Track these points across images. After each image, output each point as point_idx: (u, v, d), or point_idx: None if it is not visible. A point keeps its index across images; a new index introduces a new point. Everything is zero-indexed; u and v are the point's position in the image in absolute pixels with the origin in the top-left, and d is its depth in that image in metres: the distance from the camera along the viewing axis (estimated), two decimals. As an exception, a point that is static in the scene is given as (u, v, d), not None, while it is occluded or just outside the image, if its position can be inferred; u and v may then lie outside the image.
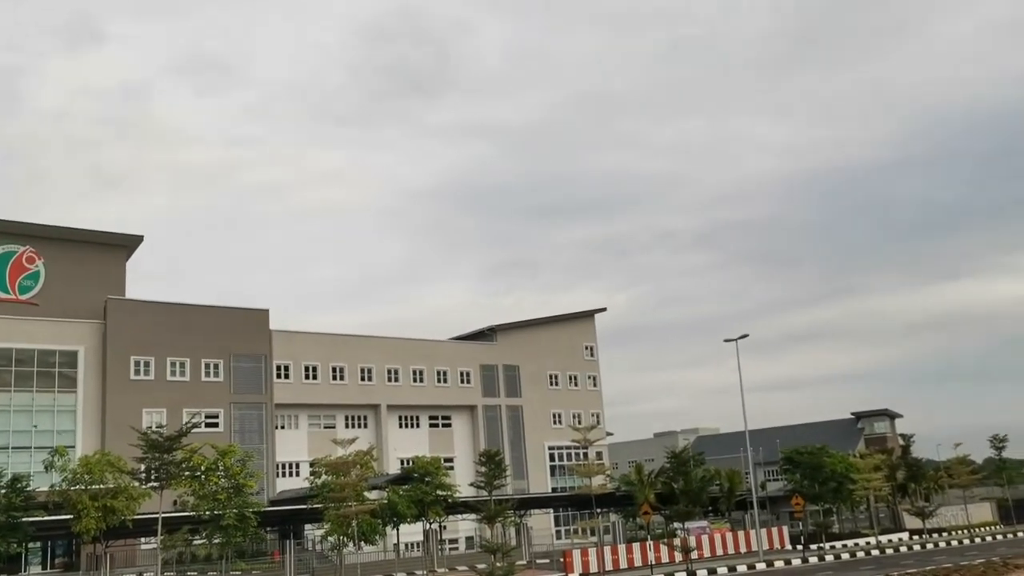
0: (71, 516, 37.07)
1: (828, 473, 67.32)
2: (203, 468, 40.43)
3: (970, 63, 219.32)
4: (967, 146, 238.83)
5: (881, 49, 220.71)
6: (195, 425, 41.63)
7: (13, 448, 54.61)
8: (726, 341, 58.51)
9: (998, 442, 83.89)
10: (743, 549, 56.22)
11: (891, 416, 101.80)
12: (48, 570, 52.70)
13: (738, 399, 63.73)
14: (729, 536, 58.17)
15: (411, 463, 55.04)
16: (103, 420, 57.62)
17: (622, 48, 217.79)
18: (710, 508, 65.74)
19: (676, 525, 58.91)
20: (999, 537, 66.17)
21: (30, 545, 49.02)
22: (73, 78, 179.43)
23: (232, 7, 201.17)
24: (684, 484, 61.11)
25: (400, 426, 73.30)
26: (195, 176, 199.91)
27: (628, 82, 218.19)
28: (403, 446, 70.92)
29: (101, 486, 37.28)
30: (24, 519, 37.24)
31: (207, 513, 40.01)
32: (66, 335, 58.87)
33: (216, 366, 63.13)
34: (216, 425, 60.97)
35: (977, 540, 64.13)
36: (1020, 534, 68.20)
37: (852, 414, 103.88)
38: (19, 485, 37.54)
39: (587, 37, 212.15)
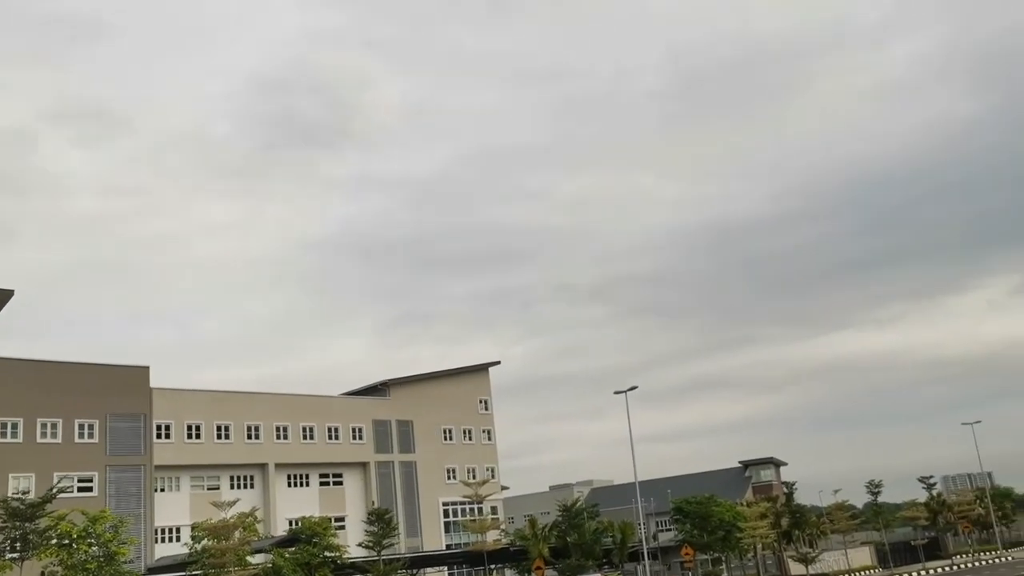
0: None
1: (716, 522, 68.69)
2: (72, 536, 38.11)
3: (847, 126, 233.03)
4: (846, 202, 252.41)
5: (768, 108, 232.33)
6: (62, 490, 39.34)
7: None
8: (616, 393, 59.67)
9: (874, 487, 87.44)
10: (635, 601, 56.43)
11: (776, 464, 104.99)
12: None
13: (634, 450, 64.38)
14: (621, 588, 58.37)
15: (299, 524, 53.21)
16: (-38, 487, 53.71)
17: (519, 104, 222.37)
18: (604, 560, 65.99)
19: (569, 579, 58.89)
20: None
21: None
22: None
23: (118, 55, 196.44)
24: (577, 537, 61.30)
25: (289, 485, 71.01)
26: (75, 227, 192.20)
27: (526, 137, 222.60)
28: (292, 506, 68.61)
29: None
30: None
31: (74, 584, 37.61)
32: (-77, 396, 54.99)
33: (91, 426, 59.91)
34: (90, 489, 57.66)
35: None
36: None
37: (740, 463, 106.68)
38: None
39: (484, 92, 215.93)
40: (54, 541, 37.04)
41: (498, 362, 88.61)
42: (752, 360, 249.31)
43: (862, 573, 75.58)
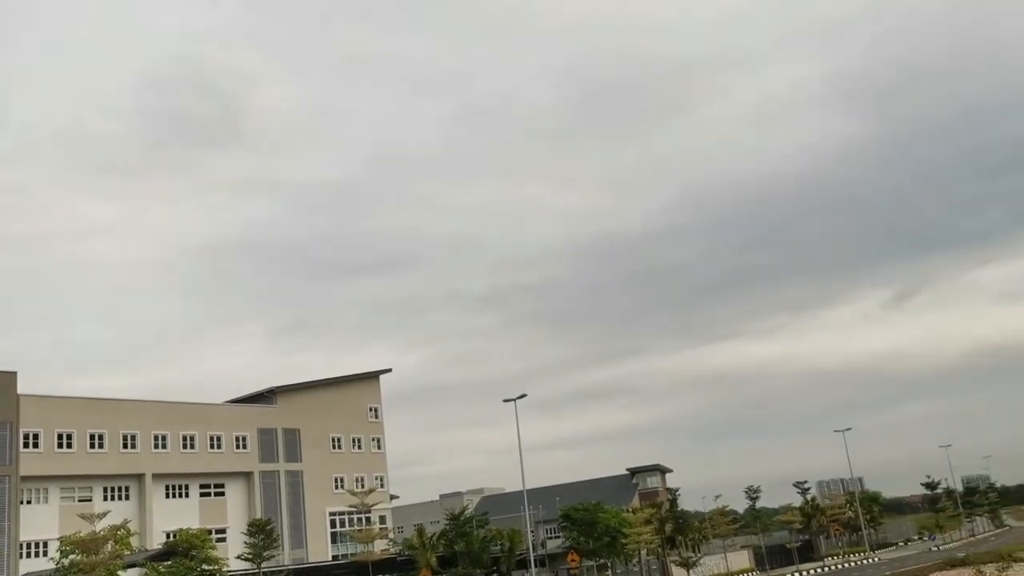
0: None
1: (603, 528, 69.71)
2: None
3: (733, 145, 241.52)
4: (732, 218, 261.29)
5: (660, 125, 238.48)
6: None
7: None
8: (505, 401, 59.96)
9: (753, 493, 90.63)
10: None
11: (662, 471, 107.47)
12: None
13: (525, 458, 64.75)
14: (508, 596, 58.51)
15: (176, 536, 51.22)
16: None
17: (417, 111, 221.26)
18: (493, 568, 66.03)
19: (456, 588, 58.68)
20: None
21: None
22: None
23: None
24: (465, 545, 61.15)
25: (167, 496, 68.29)
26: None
27: (422, 145, 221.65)
28: (170, 518, 65.95)
29: None
30: None
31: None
32: None
33: (-50, 436, 56.26)
34: (-54, 503, 54.09)
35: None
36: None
37: (627, 470, 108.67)
38: None
39: (381, 98, 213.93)
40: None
41: (389, 370, 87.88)
42: (640, 369, 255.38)
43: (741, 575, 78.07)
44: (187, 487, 69.77)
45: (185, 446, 68.69)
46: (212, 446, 70.42)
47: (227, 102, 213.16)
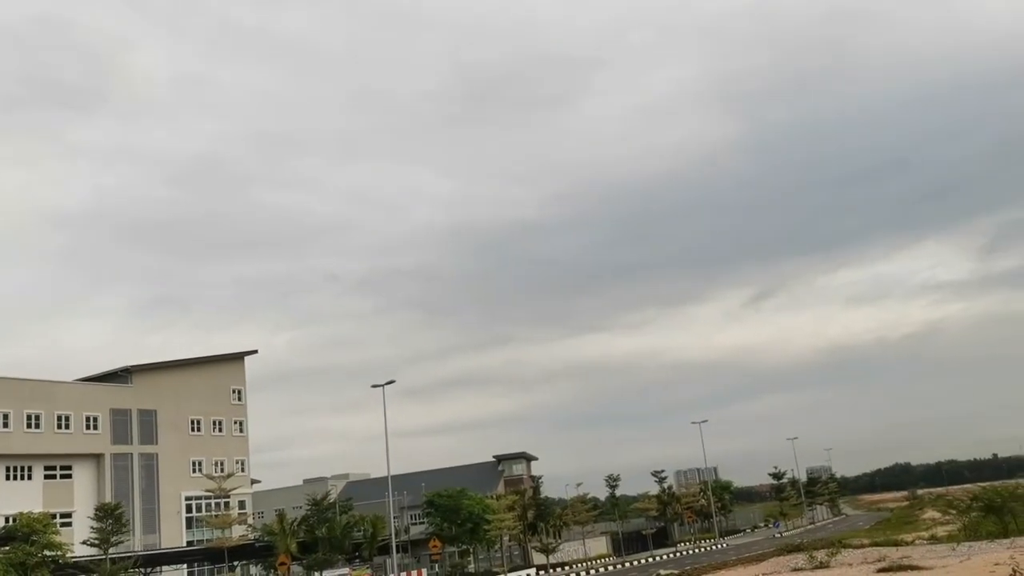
0: None
1: (466, 515, 70.38)
2: None
3: (612, 141, 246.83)
4: (607, 212, 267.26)
5: (544, 118, 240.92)
6: None
7: None
8: (373, 387, 59.51)
9: (612, 481, 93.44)
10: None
11: (528, 459, 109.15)
12: None
13: (392, 444, 64.67)
14: (369, 582, 58.33)
15: (16, 520, 48.49)
16: None
17: (300, 88, 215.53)
18: (354, 554, 65.62)
19: (315, 574, 58.10)
20: (611, 568, 73.22)
21: None
22: None
23: None
24: (327, 531, 60.55)
25: (8, 478, 64.41)
26: None
27: (303, 123, 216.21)
28: (10, 501, 62.27)
29: None
30: None
31: None
32: None
33: None
34: None
35: (592, 572, 70.47)
36: (628, 564, 76.05)
37: (494, 457, 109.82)
38: None
39: (263, 72, 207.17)
40: None
41: (255, 351, 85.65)
42: (511, 358, 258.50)
43: (598, 561, 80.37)
44: (30, 469, 66.01)
45: (29, 425, 64.98)
46: (60, 426, 66.89)
47: (95, 64, 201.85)
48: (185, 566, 66.37)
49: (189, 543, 71.09)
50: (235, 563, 58.77)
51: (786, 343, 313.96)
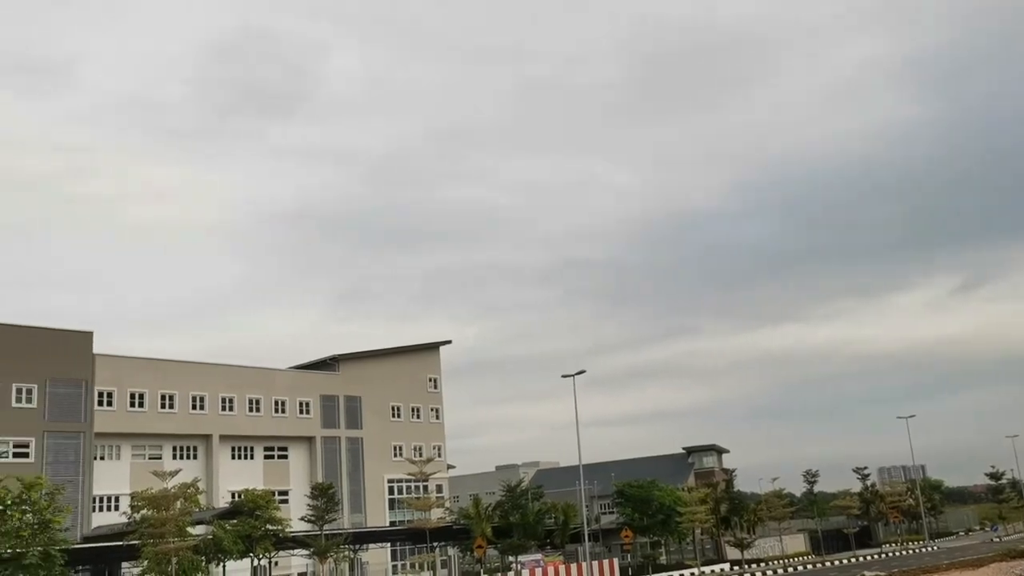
0: None
1: (657, 506, 69.81)
2: (6, 502, 37.39)
3: (803, 122, 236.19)
4: (795, 198, 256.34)
5: (726, 102, 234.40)
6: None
7: None
8: (564, 377, 60.15)
9: (810, 477, 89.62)
10: (575, 582, 57.24)
11: (718, 451, 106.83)
12: None
13: (580, 434, 64.97)
14: (562, 569, 59.12)
15: (241, 496, 52.84)
16: None
17: (475, 83, 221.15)
18: (546, 541, 66.69)
19: (510, 558, 59.49)
20: (810, 567, 70.35)
21: None
22: None
23: (66, 12, 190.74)
24: (520, 517, 61.84)
25: (233, 457, 70.41)
26: (12, 183, 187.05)
27: (481, 117, 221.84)
28: (235, 478, 68.10)
29: None
30: None
31: (7, 552, 37.00)
32: None
33: (29, 391, 58.59)
34: (26, 455, 56.50)
35: (790, 570, 67.95)
36: (829, 564, 72.79)
37: (683, 449, 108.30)
38: None
39: (440, 69, 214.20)
40: (-14, 507, 36.25)
41: (449, 341, 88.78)
42: (696, 348, 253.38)
43: (796, 559, 77.50)
44: (252, 449, 71.85)
45: (251, 409, 70.63)
46: (276, 410, 72.28)
47: (292, 70, 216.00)
48: (389, 544, 69.90)
49: (391, 523, 74.87)
50: (435, 544, 61.19)
51: (1000, 334, 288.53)
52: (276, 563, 58.24)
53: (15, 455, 53.96)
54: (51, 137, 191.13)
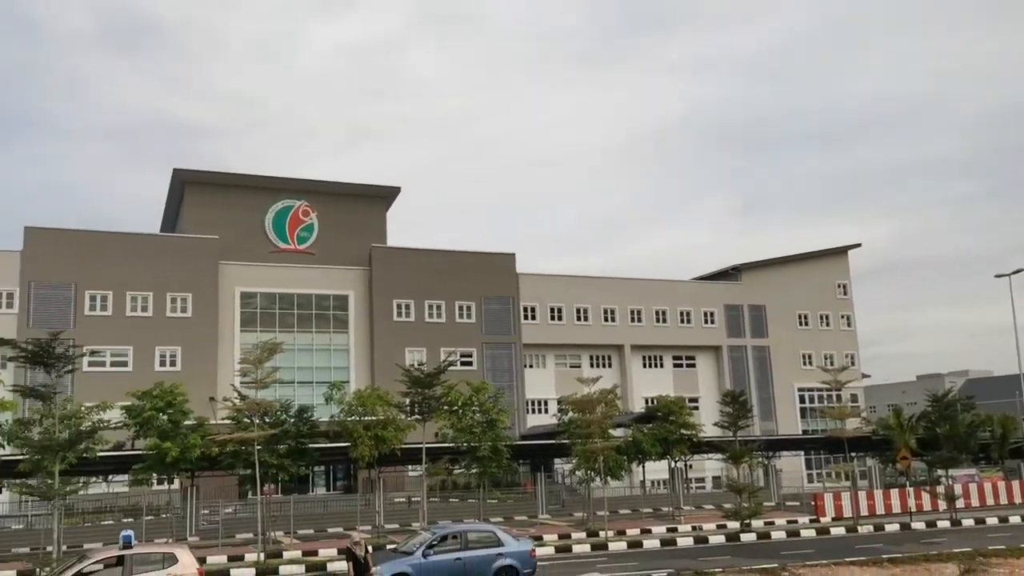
0: (348, 444, 41.05)
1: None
2: (459, 403, 43.38)
3: None
4: None
5: None
6: (452, 363, 44.66)
7: (298, 383, 61.43)
8: (997, 277, 54.05)
9: None
10: (1018, 500, 51.92)
11: None
12: (331, 491, 59.16)
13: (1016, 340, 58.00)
14: (1002, 486, 53.87)
15: (655, 402, 55.57)
16: (372, 358, 63.23)
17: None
18: (980, 455, 61.10)
19: (939, 472, 55.54)
20: None
21: (316, 468, 55.16)
22: (329, 39, 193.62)
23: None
24: (949, 429, 57.18)
25: (644, 366, 74.07)
26: (437, 126, 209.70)
27: (874, 4, 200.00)
28: (647, 386, 71.73)
29: (373, 418, 41.03)
30: (310, 445, 41.29)
31: (464, 445, 43.10)
32: (338, 281, 64.89)
33: (468, 308, 66.96)
34: (470, 364, 64.87)
35: None
36: None
37: None
38: (305, 415, 41.48)
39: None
40: (446, 407, 42.35)
41: (858, 244, 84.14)
42: None
43: None
44: (661, 358, 74.87)
45: (658, 320, 73.43)
46: (682, 321, 74.27)
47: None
48: (802, 453, 69.03)
49: (803, 432, 73.71)
50: (853, 454, 59.04)
51: None
52: (691, 466, 60.67)
53: (462, 363, 62.00)
54: (467, 81, 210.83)
